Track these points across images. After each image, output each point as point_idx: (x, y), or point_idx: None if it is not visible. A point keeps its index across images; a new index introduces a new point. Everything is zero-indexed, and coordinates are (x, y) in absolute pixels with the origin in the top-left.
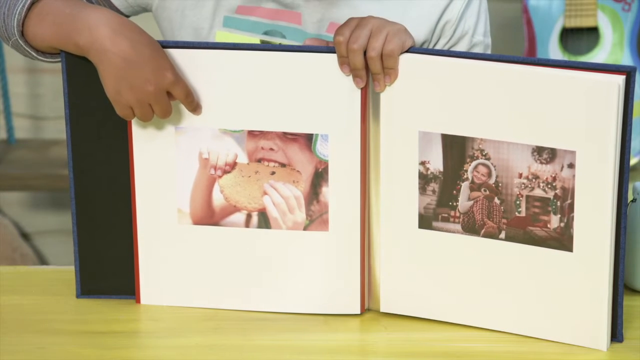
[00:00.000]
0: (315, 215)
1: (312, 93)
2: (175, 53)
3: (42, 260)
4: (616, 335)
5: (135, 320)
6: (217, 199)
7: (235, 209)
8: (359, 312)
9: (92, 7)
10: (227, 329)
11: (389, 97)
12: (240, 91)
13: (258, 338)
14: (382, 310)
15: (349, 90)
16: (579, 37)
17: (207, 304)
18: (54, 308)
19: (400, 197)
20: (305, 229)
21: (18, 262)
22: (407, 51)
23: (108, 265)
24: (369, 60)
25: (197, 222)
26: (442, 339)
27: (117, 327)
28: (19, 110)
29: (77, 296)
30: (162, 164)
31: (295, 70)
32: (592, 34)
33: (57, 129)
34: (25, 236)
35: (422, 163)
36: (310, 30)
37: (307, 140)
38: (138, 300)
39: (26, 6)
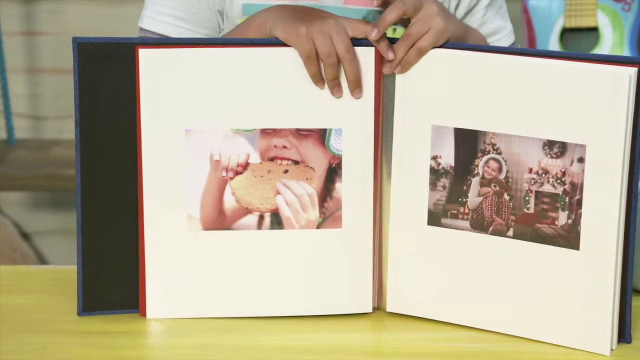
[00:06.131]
0: (329, 212)
1: (325, 87)
2: (183, 52)
3: (42, 260)
4: (624, 336)
5: (136, 320)
6: (229, 202)
7: (247, 211)
8: (370, 310)
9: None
10: (228, 328)
11: (403, 91)
12: (252, 89)
13: (260, 338)
14: (388, 310)
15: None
16: (579, 37)
17: (220, 313)
18: (54, 308)
19: (410, 192)
20: (318, 227)
21: (18, 262)
22: None
23: (113, 279)
24: (398, 42)
25: (207, 228)
26: (443, 339)
27: (117, 327)
28: (19, 110)
29: (79, 314)
30: (171, 168)
31: None
32: (592, 34)
33: (57, 129)
34: (25, 236)
35: (434, 158)
36: None
37: (321, 135)
38: (142, 313)
39: None
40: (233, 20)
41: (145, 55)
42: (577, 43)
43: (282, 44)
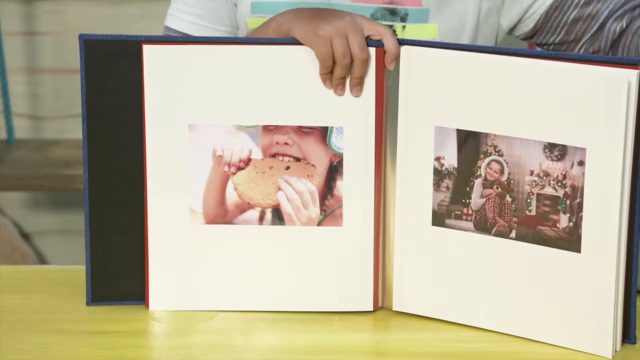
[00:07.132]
0: (330, 209)
1: (329, 86)
2: (187, 49)
3: (42, 260)
4: (629, 336)
5: (136, 320)
6: (231, 197)
7: (248, 206)
8: (371, 309)
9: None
10: (229, 328)
11: (406, 92)
12: (255, 86)
13: (261, 338)
14: (394, 309)
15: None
16: None
17: (220, 307)
18: (55, 308)
19: (414, 193)
20: (319, 224)
21: (18, 262)
22: (424, 45)
23: (120, 271)
24: None
25: (209, 222)
26: (444, 339)
27: (118, 326)
28: (19, 110)
29: (87, 304)
30: (174, 163)
31: (309, 63)
32: None
33: (57, 129)
34: (25, 236)
35: (437, 159)
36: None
37: (322, 133)
38: (147, 305)
39: None
40: (241, 18)
41: (149, 52)
42: None
43: (287, 42)
